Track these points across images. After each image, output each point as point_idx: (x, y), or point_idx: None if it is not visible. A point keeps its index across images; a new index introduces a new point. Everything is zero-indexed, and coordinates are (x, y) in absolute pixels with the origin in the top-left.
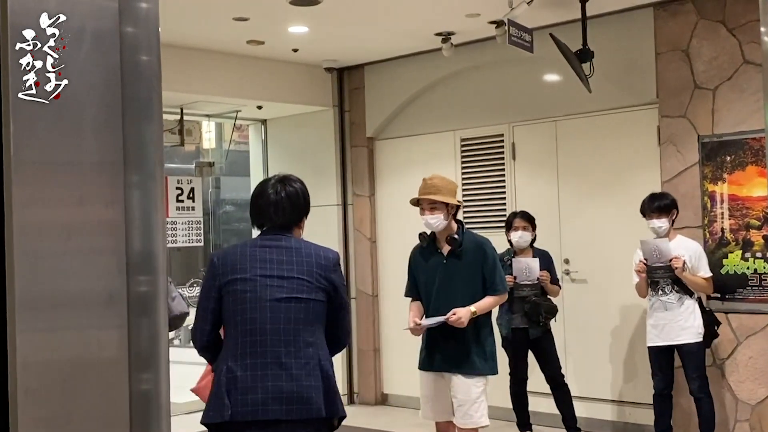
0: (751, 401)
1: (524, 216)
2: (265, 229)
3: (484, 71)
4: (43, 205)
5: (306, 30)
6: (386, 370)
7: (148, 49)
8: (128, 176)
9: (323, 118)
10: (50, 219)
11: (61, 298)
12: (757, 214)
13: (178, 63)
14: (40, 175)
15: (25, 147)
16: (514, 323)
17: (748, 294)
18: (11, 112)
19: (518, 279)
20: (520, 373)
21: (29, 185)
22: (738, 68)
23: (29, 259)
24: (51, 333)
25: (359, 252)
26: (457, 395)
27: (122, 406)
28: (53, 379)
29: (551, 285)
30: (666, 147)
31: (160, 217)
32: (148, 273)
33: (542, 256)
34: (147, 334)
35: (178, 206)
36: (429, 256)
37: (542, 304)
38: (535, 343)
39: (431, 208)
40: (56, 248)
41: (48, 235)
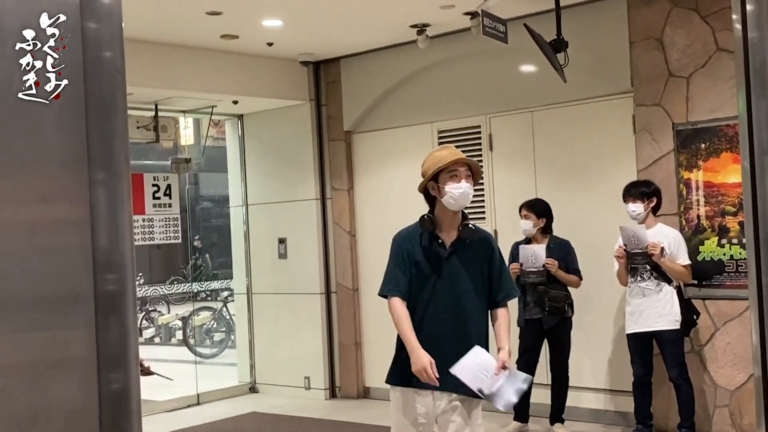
0: (730, 387)
1: (528, 204)
2: None
3: (460, 63)
4: (3, 204)
5: (280, 23)
6: (368, 363)
7: (111, 44)
8: (93, 173)
9: (300, 112)
10: (11, 218)
11: (25, 298)
12: (733, 200)
13: (151, 59)
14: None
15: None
16: (528, 314)
17: (725, 280)
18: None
19: (524, 266)
20: (528, 369)
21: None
22: (711, 56)
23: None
24: (15, 334)
25: (339, 246)
26: (458, 419)
27: (92, 406)
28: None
29: (566, 275)
30: (641, 135)
31: (127, 214)
32: (116, 271)
33: (559, 245)
34: (116, 333)
35: (155, 203)
36: (427, 245)
37: (547, 292)
38: (550, 332)
39: (467, 176)
40: (19, 247)
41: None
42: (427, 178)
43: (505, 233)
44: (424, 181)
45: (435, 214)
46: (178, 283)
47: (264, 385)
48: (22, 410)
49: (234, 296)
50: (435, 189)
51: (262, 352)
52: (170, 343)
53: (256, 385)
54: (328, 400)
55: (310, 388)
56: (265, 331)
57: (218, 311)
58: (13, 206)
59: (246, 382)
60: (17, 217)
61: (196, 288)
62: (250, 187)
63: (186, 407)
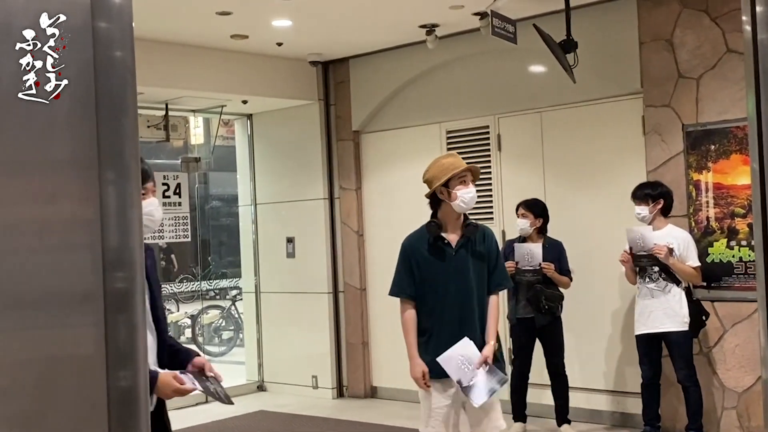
0: (738, 389)
1: (526, 203)
2: None
3: (469, 63)
4: (13, 203)
5: (290, 24)
6: (375, 363)
7: (121, 44)
8: (103, 172)
9: (309, 112)
10: (21, 217)
11: (34, 296)
12: (742, 202)
13: (162, 58)
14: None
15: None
16: (520, 313)
17: (733, 282)
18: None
19: (520, 264)
20: (522, 366)
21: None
22: (721, 57)
23: (1, 257)
24: (24, 331)
25: (347, 245)
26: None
27: (100, 403)
28: (27, 377)
29: (559, 276)
30: (651, 136)
31: (137, 213)
32: (125, 269)
33: (552, 246)
34: (124, 331)
35: (165, 202)
36: (434, 247)
37: (543, 292)
38: (542, 332)
39: (472, 180)
40: (28, 246)
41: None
42: (440, 183)
43: (512, 233)
44: (437, 185)
45: (439, 216)
46: (187, 282)
47: (272, 384)
48: (31, 407)
49: (242, 295)
50: (444, 194)
51: (270, 351)
52: (179, 341)
53: (263, 383)
54: (336, 399)
55: (317, 387)
56: (273, 330)
57: (227, 310)
58: (22, 205)
59: (254, 381)
60: (27, 216)
61: (205, 286)
62: (259, 187)
63: (194, 405)
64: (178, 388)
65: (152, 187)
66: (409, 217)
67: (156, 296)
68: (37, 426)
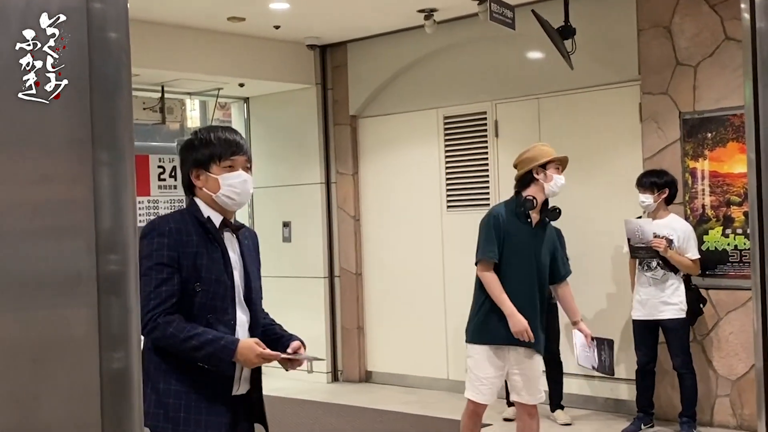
0: (732, 377)
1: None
2: None
3: (467, 48)
4: (4, 183)
5: (287, 6)
6: (370, 347)
7: (116, 25)
8: (97, 154)
9: (306, 96)
10: (13, 198)
11: (27, 278)
12: (738, 190)
13: (158, 40)
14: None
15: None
16: None
17: (728, 270)
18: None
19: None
20: None
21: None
22: (720, 44)
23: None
24: (16, 313)
25: (343, 230)
26: (527, 372)
27: (93, 385)
28: (19, 359)
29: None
30: (648, 124)
31: (131, 195)
32: (118, 252)
33: None
34: (118, 313)
35: (160, 185)
36: (519, 223)
37: None
38: None
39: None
40: (21, 227)
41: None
42: (539, 163)
43: None
44: (535, 165)
45: None
46: None
47: (266, 368)
48: (24, 388)
49: None
50: (542, 174)
51: None
52: None
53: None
54: (331, 384)
55: (312, 371)
56: (269, 314)
57: None
58: (14, 186)
59: None
60: (19, 197)
61: None
62: (255, 171)
63: None
64: (261, 352)
65: (244, 162)
66: (405, 203)
67: (251, 277)
68: (30, 407)
